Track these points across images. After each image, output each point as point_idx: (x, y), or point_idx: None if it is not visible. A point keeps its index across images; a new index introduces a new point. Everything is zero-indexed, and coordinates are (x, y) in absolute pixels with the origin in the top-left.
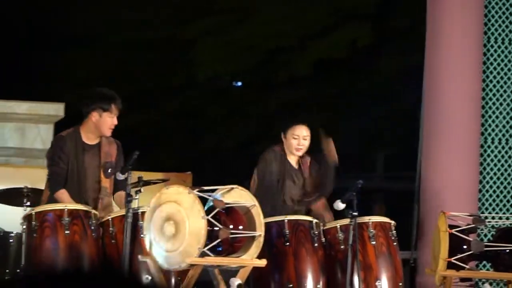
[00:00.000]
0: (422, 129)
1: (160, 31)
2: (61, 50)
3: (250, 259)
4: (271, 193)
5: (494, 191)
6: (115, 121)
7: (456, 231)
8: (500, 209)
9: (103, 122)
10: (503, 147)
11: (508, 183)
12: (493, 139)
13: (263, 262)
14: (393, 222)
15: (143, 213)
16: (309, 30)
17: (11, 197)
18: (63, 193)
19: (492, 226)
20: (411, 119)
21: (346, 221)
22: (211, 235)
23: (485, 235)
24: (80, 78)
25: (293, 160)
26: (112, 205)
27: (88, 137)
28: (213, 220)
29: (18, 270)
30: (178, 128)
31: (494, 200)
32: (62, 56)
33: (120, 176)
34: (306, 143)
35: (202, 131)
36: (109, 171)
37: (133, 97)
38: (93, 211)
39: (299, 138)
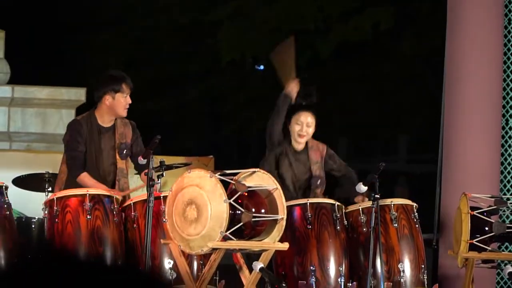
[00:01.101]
0: (444, 112)
1: (183, 16)
2: (82, 34)
3: (273, 242)
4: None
5: None
6: (129, 100)
7: (478, 212)
8: None
9: (117, 103)
10: None
11: None
12: None
13: (285, 246)
14: (415, 204)
15: (165, 197)
16: (332, 13)
17: (33, 182)
18: (85, 176)
19: None
20: (433, 101)
21: (368, 203)
22: (233, 219)
23: (507, 217)
24: (101, 62)
25: (297, 146)
26: (129, 187)
27: (103, 120)
28: (235, 204)
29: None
30: (200, 112)
31: None
32: (84, 40)
33: (142, 161)
34: (310, 130)
35: (225, 115)
36: (124, 152)
37: (155, 81)
38: (115, 195)
39: (302, 125)
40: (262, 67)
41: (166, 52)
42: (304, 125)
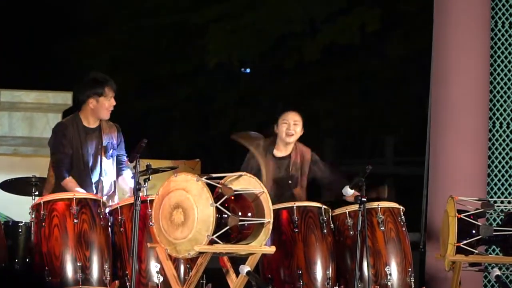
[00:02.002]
0: (430, 114)
1: (170, 18)
2: (68, 38)
3: (259, 246)
4: None
5: (503, 176)
6: (113, 102)
7: (465, 215)
8: (509, 193)
9: (100, 107)
10: (511, 132)
11: None
12: (501, 123)
13: (272, 249)
14: (402, 208)
15: (151, 201)
16: (318, 16)
17: (20, 186)
18: (70, 181)
19: (501, 211)
20: (420, 103)
21: (355, 207)
22: (220, 223)
23: (494, 220)
24: (88, 66)
25: (283, 148)
26: (111, 186)
27: (88, 121)
28: (221, 208)
29: (28, 260)
30: (187, 114)
31: (502, 185)
32: (70, 44)
33: (129, 165)
34: (297, 128)
35: (211, 117)
36: (110, 152)
37: (142, 84)
38: (102, 199)
39: (289, 123)
40: (248, 70)
41: (152, 54)
42: (291, 123)
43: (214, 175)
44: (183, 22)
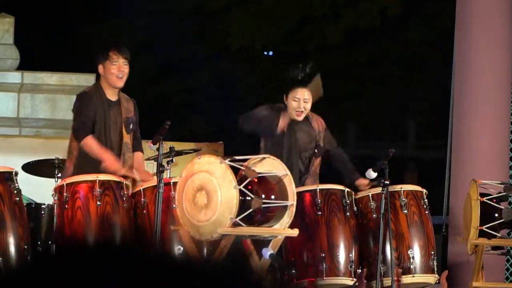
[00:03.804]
0: (453, 98)
1: (192, 1)
2: (91, 20)
3: (282, 228)
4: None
5: None
6: (122, 68)
7: (487, 199)
8: None
9: (108, 72)
10: None
11: None
12: None
13: (295, 232)
14: (424, 191)
15: (175, 183)
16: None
17: (43, 168)
18: (90, 139)
19: None
20: (442, 87)
21: (378, 189)
22: (243, 205)
23: None
24: None
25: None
26: (133, 161)
27: (109, 93)
28: (245, 190)
29: (50, 242)
30: (209, 97)
31: None
32: (93, 26)
33: (152, 147)
34: (307, 106)
35: (233, 100)
36: (130, 126)
37: (165, 66)
38: (125, 181)
39: (299, 101)
40: (271, 53)
41: (174, 37)
42: (302, 101)
43: (237, 157)
44: (205, 5)
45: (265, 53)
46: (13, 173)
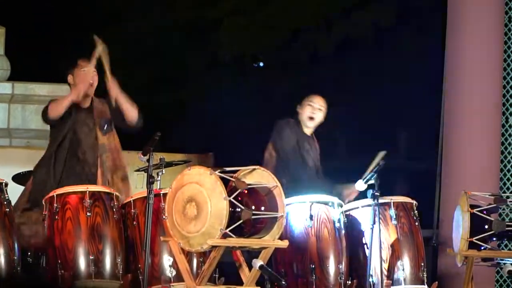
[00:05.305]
0: (444, 109)
1: (183, 13)
2: (83, 32)
3: (272, 240)
4: (291, 160)
5: None
6: (90, 73)
7: (477, 210)
8: None
9: (77, 79)
10: None
11: None
12: None
13: (285, 243)
14: (415, 202)
15: (165, 194)
16: (332, 10)
17: None
18: (51, 103)
19: None
20: (433, 98)
21: (368, 201)
22: (233, 216)
23: (507, 215)
24: (100, 60)
25: (306, 130)
26: (111, 161)
27: (80, 101)
28: (235, 201)
29: (40, 253)
30: (200, 108)
31: None
32: (84, 37)
33: (142, 158)
34: (320, 114)
35: (224, 111)
36: (105, 127)
37: (155, 78)
38: (115, 193)
39: (313, 106)
40: (261, 64)
41: (165, 48)
42: (316, 107)
43: (227, 168)
44: (195, 17)
45: (255, 65)
46: (3, 184)
